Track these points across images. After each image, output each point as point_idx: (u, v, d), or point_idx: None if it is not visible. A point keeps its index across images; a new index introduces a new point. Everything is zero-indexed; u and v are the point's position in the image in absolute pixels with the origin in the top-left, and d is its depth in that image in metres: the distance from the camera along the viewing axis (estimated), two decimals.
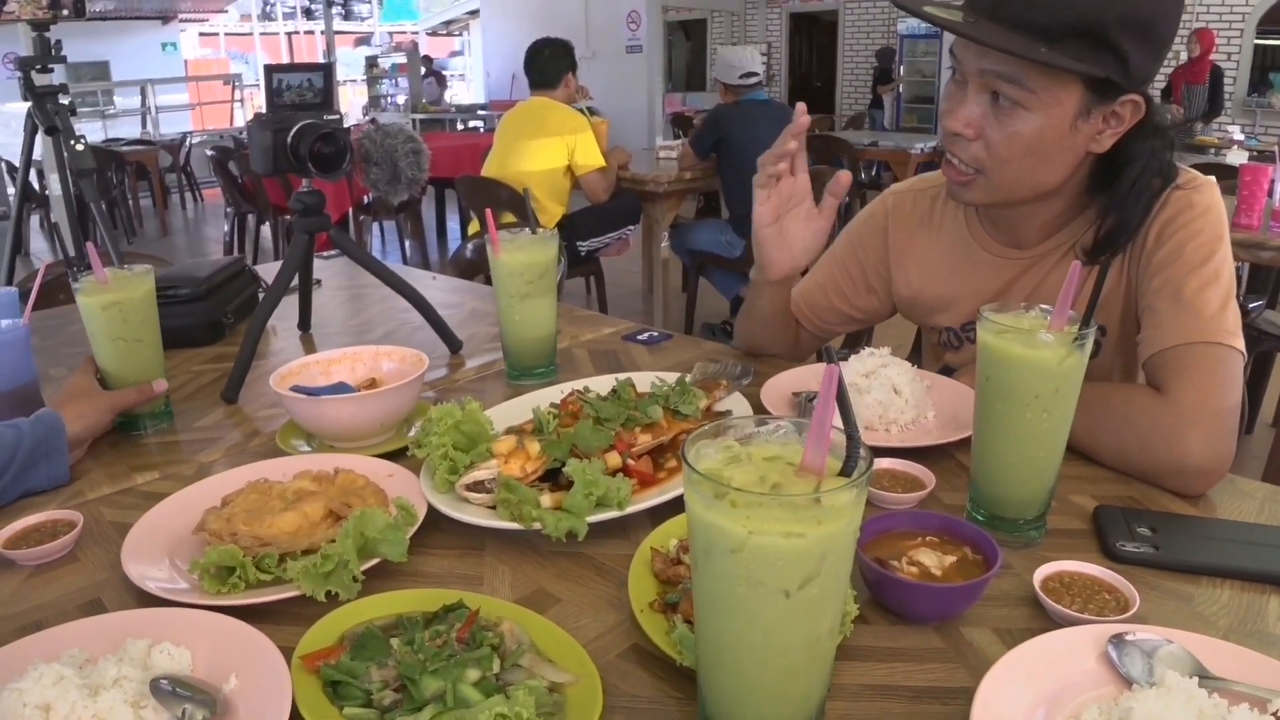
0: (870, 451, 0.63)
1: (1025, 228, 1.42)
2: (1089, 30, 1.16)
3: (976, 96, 1.25)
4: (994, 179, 1.29)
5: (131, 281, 1.37)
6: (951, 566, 0.95)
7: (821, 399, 0.63)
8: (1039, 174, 1.29)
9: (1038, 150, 1.25)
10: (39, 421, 1.22)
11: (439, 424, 1.10)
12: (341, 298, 2.23)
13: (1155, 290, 1.28)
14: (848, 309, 1.65)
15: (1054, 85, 1.20)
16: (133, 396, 1.35)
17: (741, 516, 0.58)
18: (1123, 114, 1.25)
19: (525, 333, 1.51)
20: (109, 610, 0.97)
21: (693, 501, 0.62)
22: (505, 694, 0.74)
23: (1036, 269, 1.43)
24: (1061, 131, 1.24)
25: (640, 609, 0.88)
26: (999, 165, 1.27)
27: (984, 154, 1.27)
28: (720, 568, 0.62)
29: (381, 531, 0.96)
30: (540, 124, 4.41)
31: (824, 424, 0.63)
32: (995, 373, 1.02)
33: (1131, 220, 1.30)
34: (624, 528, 1.07)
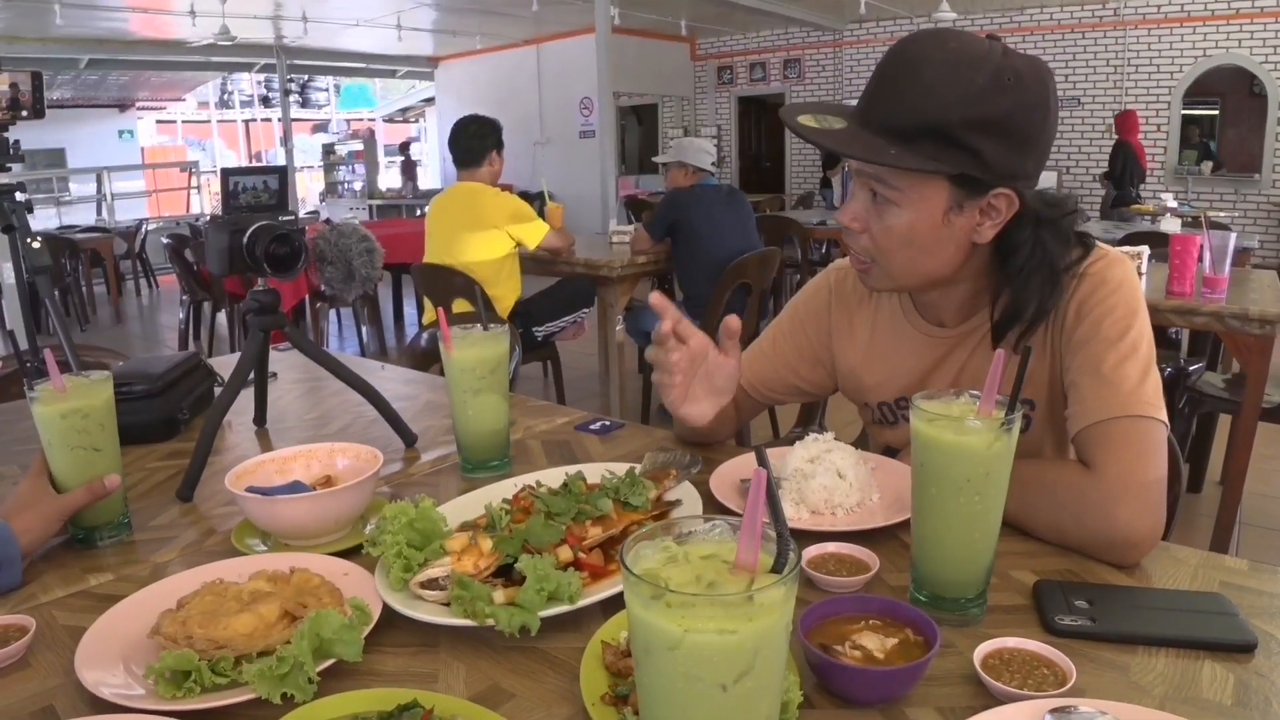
0: (798, 547, 0.67)
1: (944, 309, 1.50)
2: (938, 132, 1.26)
3: (860, 193, 1.37)
4: (885, 267, 1.38)
5: (90, 389, 1.36)
6: (894, 649, 0.98)
7: (751, 499, 0.67)
8: (923, 264, 1.37)
9: (914, 242, 1.34)
10: None
11: (393, 522, 1.13)
12: (297, 391, 2.25)
13: (1077, 367, 1.34)
14: (796, 380, 1.70)
15: (917, 183, 1.30)
16: (82, 498, 1.32)
17: (677, 615, 0.62)
18: (998, 206, 1.32)
19: (478, 427, 1.55)
20: (62, 718, 0.97)
21: (632, 602, 0.65)
22: None
23: (961, 347, 1.50)
24: (934, 224, 1.32)
25: (592, 702, 0.90)
26: (884, 255, 1.36)
27: (871, 245, 1.37)
28: (659, 664, 0.65)
29: (337, 632, 0.97)
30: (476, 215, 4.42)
31: (755, 523, 0.67)
32: (928, 458, 1.07)
33: (1025, 304, 1.36)
34: (576, 621, 1.09)
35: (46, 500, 1.30)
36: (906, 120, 1.26)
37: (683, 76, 16.05)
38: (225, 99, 21.97)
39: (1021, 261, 1.36)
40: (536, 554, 1.08)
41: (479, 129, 4.56)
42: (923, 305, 1.54)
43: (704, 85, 16.14)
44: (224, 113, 22.05)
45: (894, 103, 1.28)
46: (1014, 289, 1.37)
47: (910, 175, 1.28)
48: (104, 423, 1.37)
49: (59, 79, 15.61)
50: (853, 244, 1.39)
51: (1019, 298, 1.37)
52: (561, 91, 14.48)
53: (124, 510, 1.42)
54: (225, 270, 1.64)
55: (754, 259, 4.89)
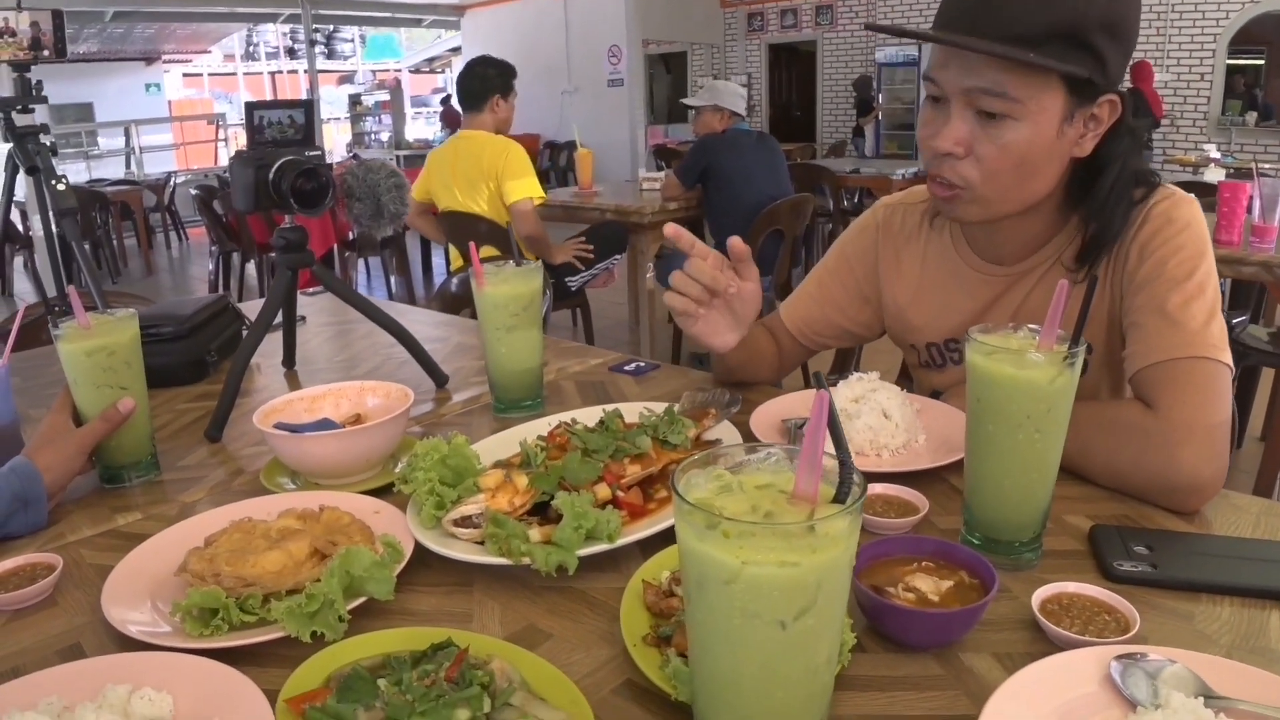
0: (864, 477, 0.62)
1: (1009, 244, 1.43)
2: (1067, 33, 1.18)
3: (962, 114, 1.26)
4: (984, 193, 1.29)
5: (115, 326, 1.32)
6: (948, 591, 0.94)
7: (812, 425, 0.62)
8: (1029, 185, 1.30)
9: (1028, 160, 1.25)
10: (12, 474, 1.19)
11: (425, 459, 1.09)
12: (326, 334, 2.21)
13: (1140, 306, 1.28)
14: (844, 321, 1.65)
15: (1038, 93, 1.21)
16: (99, 429, 1.29)
17: (734, 547, 0.57)
18: (1101, 115, 1.26)
19: (511, 365, 1.50)
20: (89, 655, 0.94)
21: (684, 533, 0.61)
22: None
23: (1019, 286, 1.44)
24: (1049, 138, 1.24)
25: (633, 643, 0.86)
26: (990, 179, 1.27)
27: (974, 170, 1.27)
28: (714, 600, 0.60)
29: (368, 569, 0.94)
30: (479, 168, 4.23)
31: (816, 450, 0.62)
32: (985, 394, 1.02)
33: (1114, 224, 1.31)
34: (614, 560, 1.05)
35: (66, 436, 1.27)
36: (1033, 21, 1.18)
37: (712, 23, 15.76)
38: (251, 51, 21.89)
39: (1112, 179, 1.30)
40: (574, 491, 1.04)
41: (483, 70, 4.36)
42: (980, 241, 1.47)
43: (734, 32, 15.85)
44: (250, 65, 21.98)
45: (1018, 5, 1.19)
46: (1107, 206, 1.31)
47: (1032, 85, 1.20)
48: (130, 361, 1.33)
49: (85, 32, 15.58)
50: (949, 173, 1.29)
51: (1108, 220, 1.31)
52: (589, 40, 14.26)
53: (151, 449, 1.39)
54: (251, 206, 1.60)
55: (786, 205, 4.80)
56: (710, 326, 1.44)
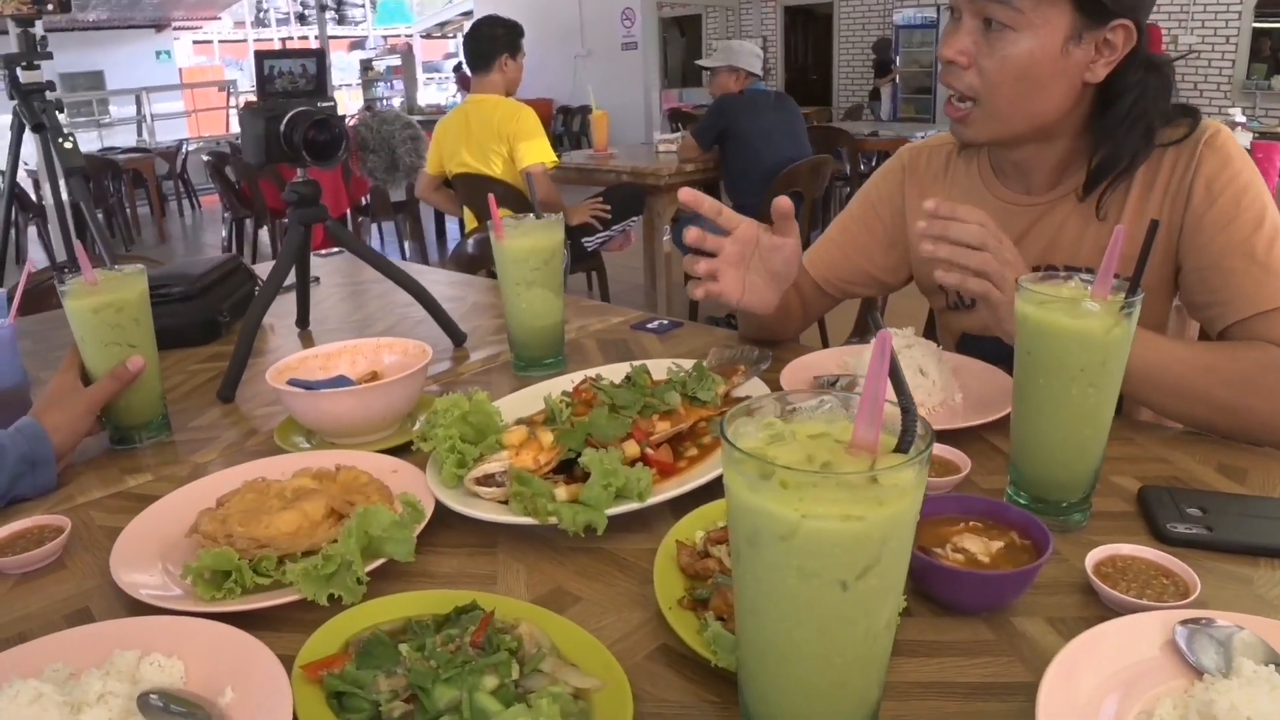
0: (929, 426, 0.57)
1: (1034, 172, 1.40)
2: None
3: (969, 24, 1.26)
4: (989, 108, 1.29)
5: (123, 283, 1.28)
6: (999, 553, 0.89)
7: (872, 369, 0.57)
8: (1033, 102, 1.28)
9: (1029, 75, 1.24)
10: (19, 434, 1.14)
11: (445, 415, 1.04)
12: (340, 294, 2.16)
13: (1219, 249, 1.25)
14: (870, 267, 1.60)
15: (1042, 5, 1.20)
16: (108, 387, 1.24)
17: (793, 498, 0.52)
18: (1115, 41, 1.24)
19: (531, 321, 1.45)
20: (97, 619, 0.90)
21: (735, 484, 0.55)
22: (527, 703, 0.67)
23: (1050, 218, 1.40)
24: (1052, 55, 1.23)
25: (668, 606, 0.81)
26: (992, 92, 1.27)
27: (977, 81, 1.28)
28: (768, 558, 0.55)
29: (387, 529, 0.89)
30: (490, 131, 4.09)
31: (877, 396, 0.56)
32: (1037, 346, 0.96)
33: (1122, 152, 1.29)
34: (645, 521, 1.00)
35: (74, 395, 1.23)
36: None
37: None
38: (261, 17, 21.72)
39: (1126, 107, 1.27)
40: (601, 449, 0.99)
41: (489, 30, 4.20)
42: (1007, 171, 1.44)
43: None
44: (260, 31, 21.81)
45: None
46: (1113, 138, 1.29)
47: None
48: (139, 318, 1.28)
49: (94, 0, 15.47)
50: (955, 83, 1.30)
51: (1115, 148, 1.29)
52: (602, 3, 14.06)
53: (162, 409, 1.35)
54: (261, 159, 1.54)
55: (805, 166, 4.72)
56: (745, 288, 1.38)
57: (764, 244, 1.36)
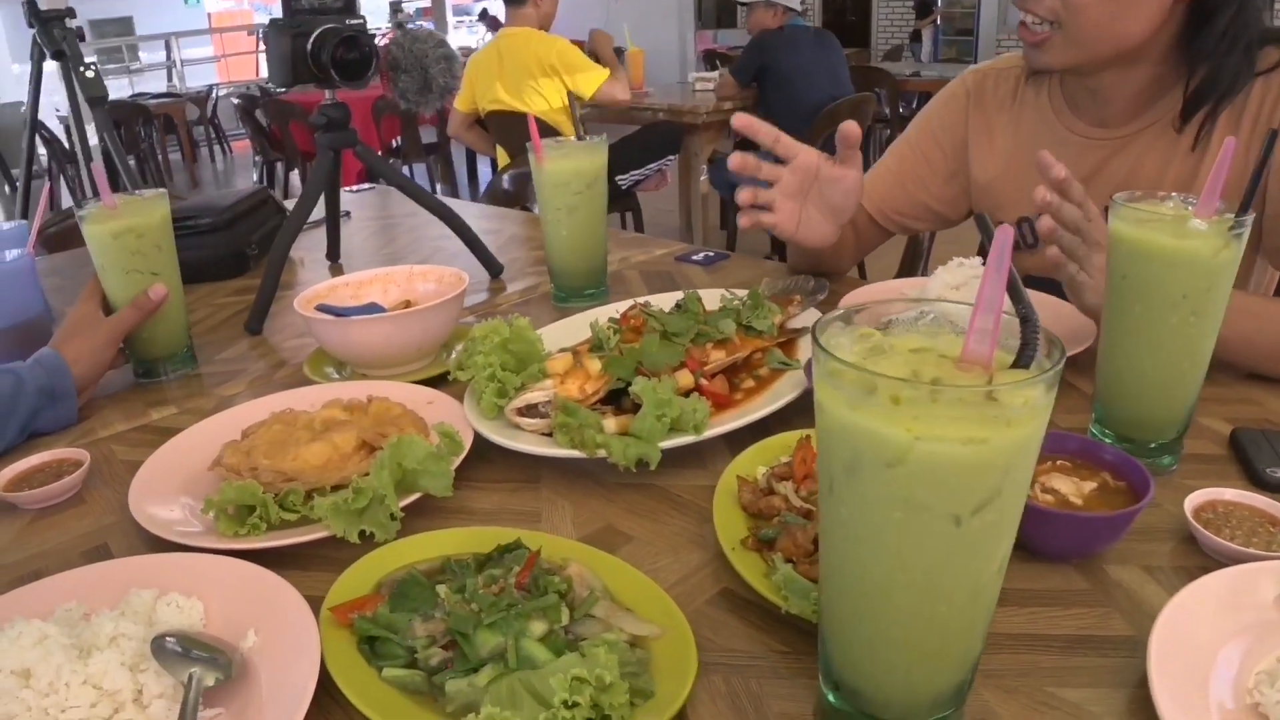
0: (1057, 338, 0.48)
1: (1113, 101, 1.27)
2: None
3: None
4: (1072, 32, 1.17)
5: (144, 206, 1.21)
6: (1092, 495, 0.80)
7: (991, 271, 0.48)
8: (1119, 22, 1.16)
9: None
10: (38, 365, 1.09)
11: (484, 343, 0.96)
12: (372, 228, 2.09)
13: None
14: (927, 199, 1.50)
15: None
16: (130, 317, 1.18)
17: (906, 417, 0.44)
18: None
19: (573, 249, 1.36)
20: (115, 556, 0.85)
21: (831, 401, 0.47)
22: (580, 651, 0.60)
23: (1129, 150, 1.28)
24: None
25: (731, 547, 0.74)
26: (1076, 13, 1.16)
27: (1058, 3, 1.16)
28: (868, 489, 0.47)
29: (422, 462, 0.82)
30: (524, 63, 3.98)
31: (995, 301, 0.48)
32: (1135, 269, 0.86)
33: (1223, 76, 1.18)
34: (698, 455, 0.93)
35: (95, 325, 1.16)
36: None
37: None
38: None
39: (1224, 24, 1.15)
40: (653, 378, 0.91)
41: None
42: (1082, 100, 1.32)
43: None
44: None
45: None
46: (1211, 59, 1.18)
47: None
48: (161, 244, 1.21)
49: None
50: (1035, 7, 1.18)
51: (1215, 69, 1.17)
52: None
53: (187, 341, 1.29)
54: (288, 80, 1.46)
55: (847, 105, 4.56)
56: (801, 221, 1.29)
57: (824, 175, 1.26)
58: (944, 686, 0.54)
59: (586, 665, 0.56)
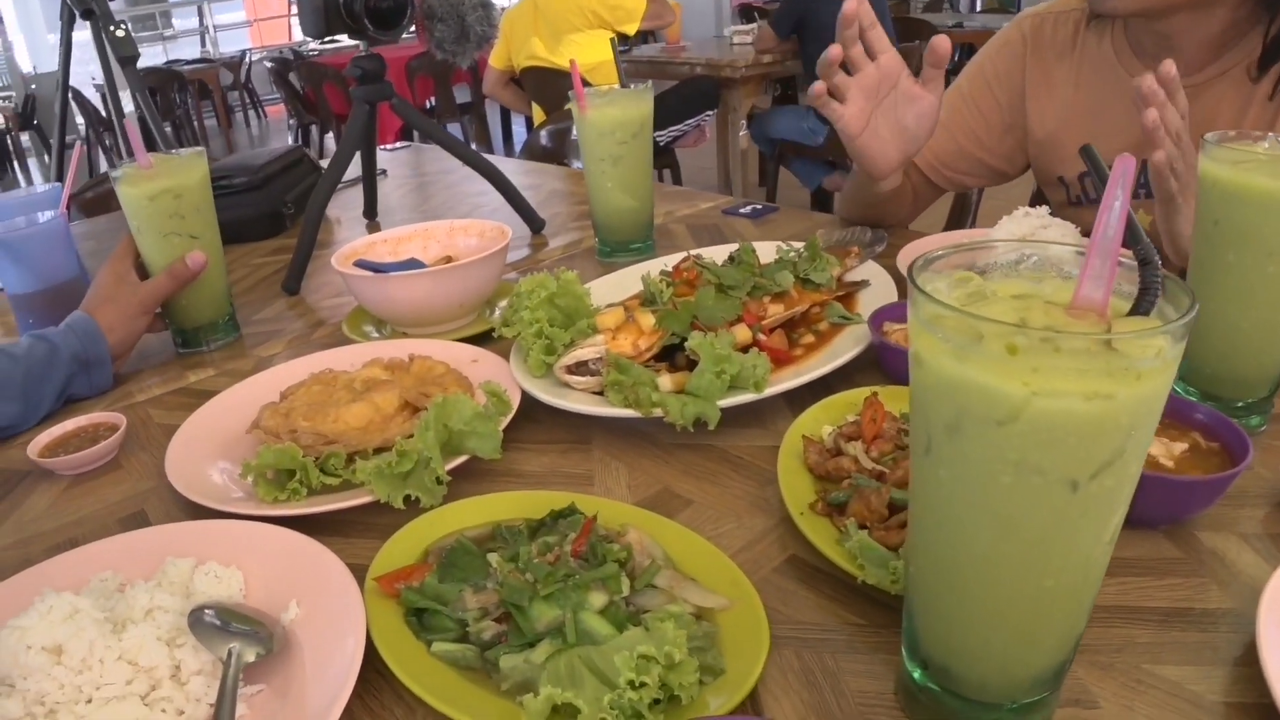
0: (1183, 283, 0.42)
1: (1185, 47, 1.17)
2: None
3: None
4: None
5: (181, 167, 1.15)
6: (1183, 457, 0.75)
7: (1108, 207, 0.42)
8: None
9: None
10: (71, 331, 1.05)
11: (530, 298, 0.92)
12: (408, 186, 2.04)
13: None
14: (983, 154, 1.41)
15: None
16: (164, 285, 1.12)
17: (1023, 370, 0.38)
18: None
19: (619, 201, 1.31)
20: (153, 524, 0.81)
21: (932, 352, 0.42)
22: (644, 625, 0.56)
23: (1200, 100, 1.18)
24: None
25: (799, 511, 0.69)
26: None
27: None
28: (973, 449, 0.42)
29: (469, 422, 0.78)
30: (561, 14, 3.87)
31: (1112, 242, 0.42)
32: (1228, 214, 0.79)
33: None
34: (757, 414, 0.88)
35: (128, 291, 1.11)
36: None
37: None
38: None
39: None
40: (710, 332, 0.86)
41: None
42: (1149, 46, 1.23)
43: None
44: None
45: None
46: None
47: None
48: (200, 206, 1.16)
49: None
50: None
51: None
52: None
53: (229, 309, 1.23)
54: (320, 30, 1.41)
55: None
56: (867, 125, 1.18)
57: (903, 88, 1.16)
58: (1044, 667, 0.49)
59: (653, 641, 0.51)
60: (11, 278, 1.24)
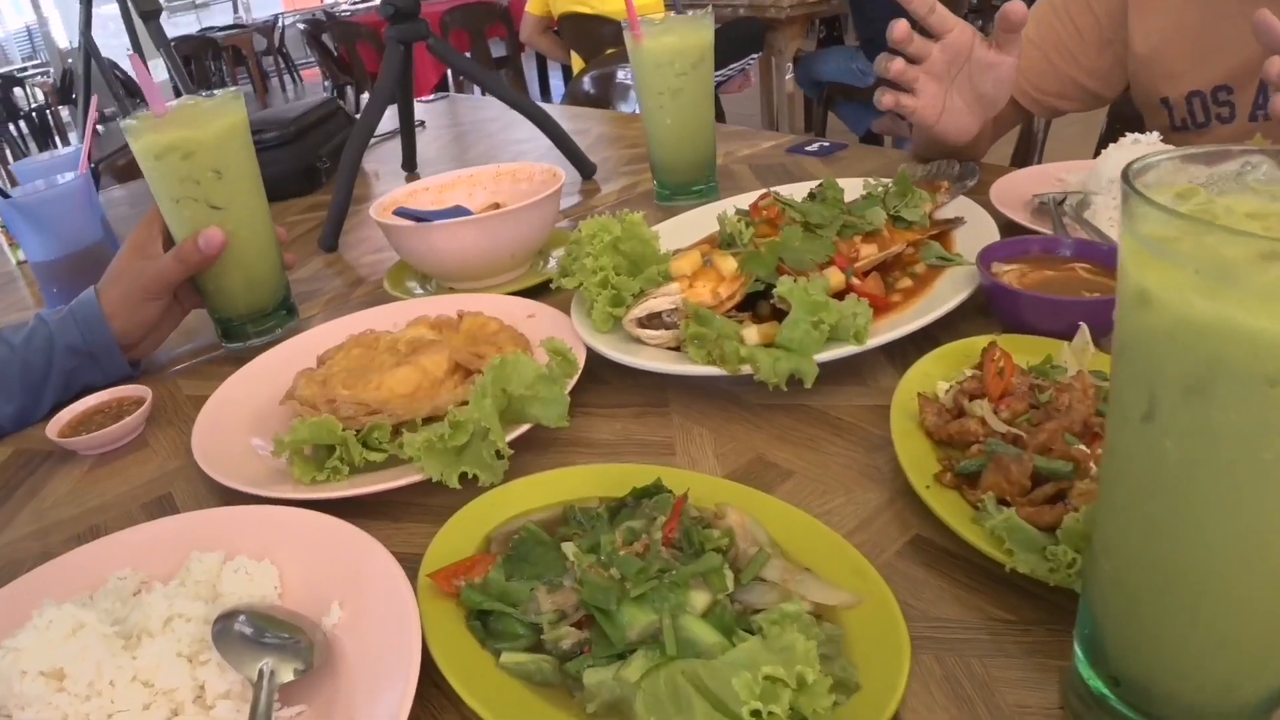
0: None
1: None
2: None
3: None
4: None
5: (200, 116, 0.93)
6: None
7: None
8: None
9: None
10: (70, 319, 0.90)
11: (591, 243, 0.81)
12: (448, 136, 1.94)
13: None
14: (1076, 73, 1.28)
15: None
16: (171, 270, 0.93)
17: None
18: None
19: (679, 139, 1.19)
20: (180, 508, 0.73)
21: (1168, 286, 0.31)
22: (759, 630, 0.46)
23: None
24: None
25: (925, 485, 0.58)
26: None
27: None
28: (1224, 416, 0.31)
29: (531, 385, 0.67)
30: None
31: None
32: None
33: None
34: (855, 369, 0.77)
35: (135, 272, 0.94)
36: None
37: None
38: None
39: None
40: (801, 277, 0.74)
41: None
42: None
43: None
44: None
45: None
46: None
47: None
48: (223, 168, 0.94)
49: None
50: None
51: None
52: None
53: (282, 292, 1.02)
54: None
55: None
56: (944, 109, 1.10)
57: (977, 59, 1.07)
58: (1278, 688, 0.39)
59: (778, 657, 0.41)
60: (33, 245, 1.16)
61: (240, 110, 0.95)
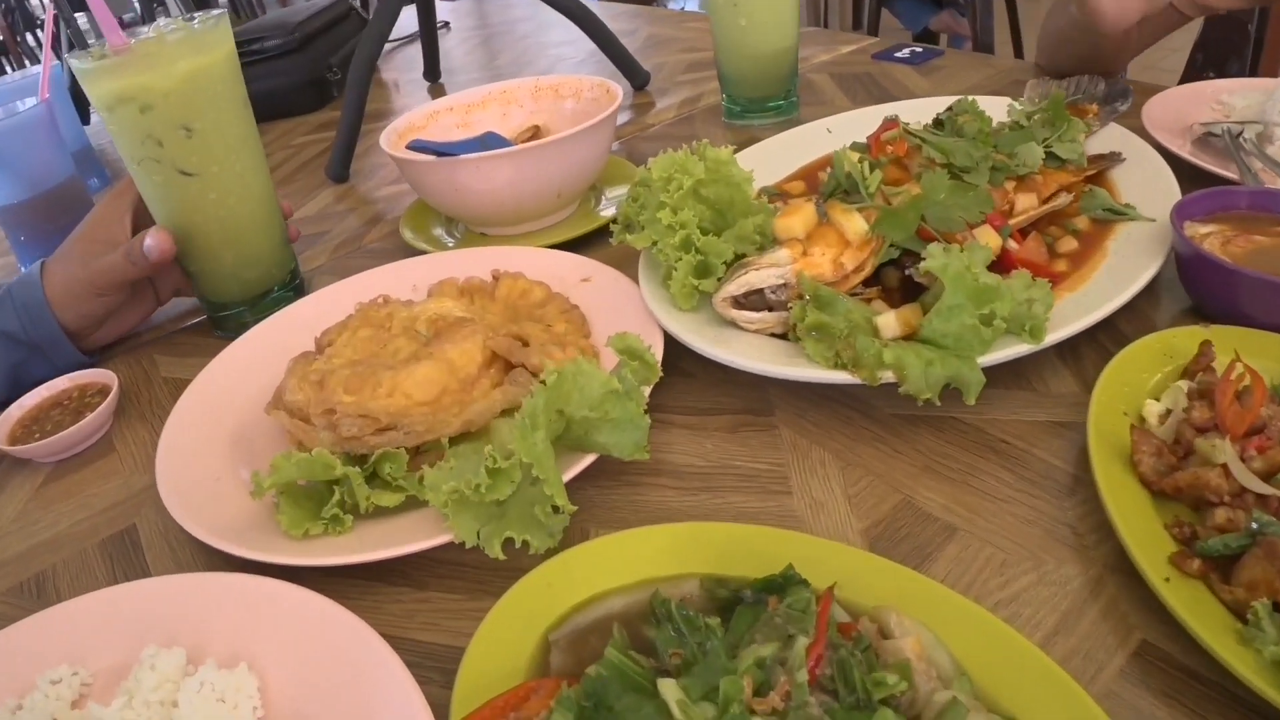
0: None
1: None
2: None
3: None
4: None
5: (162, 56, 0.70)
6: None
7: None
8: None
9: None
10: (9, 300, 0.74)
11: (665, 188, 0.62)
12: (475, 40, 1.72)
13: None
14: None
15: None
16: (119, 268, 0.74)
17: None
18: None
19: (755, 43, 0.97)
20: (144, 546, 0.57)
21: None
22: None
23: None
24: None
25: (1164, 576, 0.40)
26: None
27: None
28: None
29: (598, 405, 0.49)
30: None
31: None
32: None
33: None
34: (1017, 370, 0.58)
35: (81, 260, 0.75)
36: None
37: None
38: None
39: None
40: (947, 242, 0.55)
41: None
42: None
43: None
44: None
45: None
46: None
47: None
48: (192, 124, 0.71)
49: None
50: None
51: None
52: None
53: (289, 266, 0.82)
54: None
55: None
56: None
57: None
58: None
59: None
60: None
61: (221, 44, 0.72)
